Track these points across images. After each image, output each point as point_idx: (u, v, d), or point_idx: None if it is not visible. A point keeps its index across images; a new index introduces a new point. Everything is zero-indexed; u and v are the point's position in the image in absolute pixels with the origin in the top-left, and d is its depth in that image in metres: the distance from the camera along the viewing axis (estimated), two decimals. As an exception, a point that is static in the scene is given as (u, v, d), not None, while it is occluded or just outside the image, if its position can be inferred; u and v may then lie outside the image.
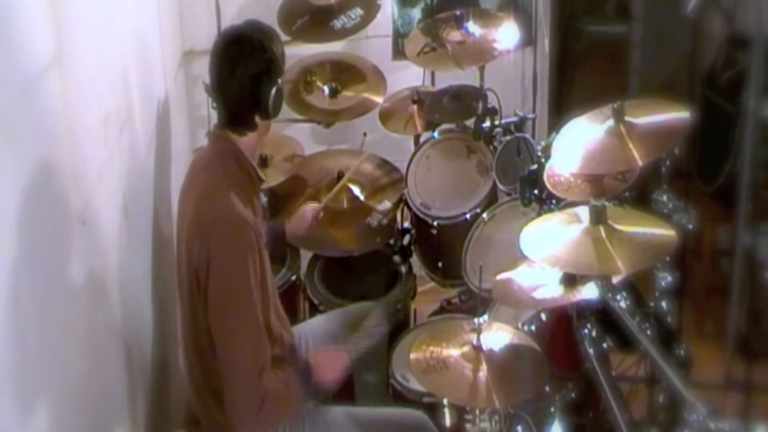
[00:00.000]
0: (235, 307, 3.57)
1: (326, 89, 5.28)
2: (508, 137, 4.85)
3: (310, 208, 4.62)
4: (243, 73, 3.65)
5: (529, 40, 5.72)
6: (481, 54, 4.87)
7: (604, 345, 3.89)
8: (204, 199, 3.65)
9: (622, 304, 3.71)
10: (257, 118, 3.71)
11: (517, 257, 3.74)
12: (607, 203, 3.53)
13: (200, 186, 3.71)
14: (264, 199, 4.74)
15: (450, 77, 5.28)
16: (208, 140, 3.93)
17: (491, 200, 4.91)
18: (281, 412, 3.71)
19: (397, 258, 5.19)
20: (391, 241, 5.18)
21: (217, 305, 3.58)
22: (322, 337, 4.26)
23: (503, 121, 4.92)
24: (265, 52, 3.67)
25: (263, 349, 3.61)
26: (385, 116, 5.30)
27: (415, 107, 5.26)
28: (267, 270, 3.76)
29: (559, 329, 4.14)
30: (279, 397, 3.64)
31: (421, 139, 5.30)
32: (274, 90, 3.68)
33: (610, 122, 3.78)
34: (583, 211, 3.52)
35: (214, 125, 3.85)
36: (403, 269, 5.14)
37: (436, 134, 5.20)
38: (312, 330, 4.34)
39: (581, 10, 6.80)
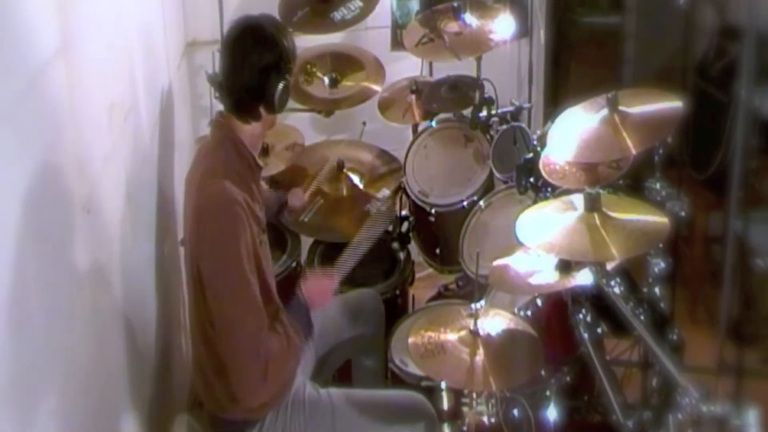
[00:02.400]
0: (227, 279, 3.58)
1: (326, 79, 5.28)
2: (504, 126, 4.85)
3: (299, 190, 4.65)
4: (254, 63, 3.65)
5: (525, 31, 5.72)
6: (478, 45, 4.87)
7: (599, 330, 3.90)
8: (201, 185, 3.66)
9: (616, 289, 3.72)
10: (262, 110, 3.71)
11: (513, 244, 3.74)
12: (601, 191, 3.53)
13: (200, 173, 3.71)
14: (265, 186, 4.74)
15: (447, 67, 5.28)
16: (210, 129, 3.93)
17: (488, 188, 4.91)
18: (286, 370, 3.75)
19: (395, 245, 5.19)
20: (390, 229, 5.18)
21: (211, 279, 3.60)
22: (320, 319, 4.27)
23: (500, 111, 4.92)
24: (277, 45, 3.67)
25: (260, 317, 3.61)
26: (384, 106, 5.30)
27: (413, 97, 5.26)
28: (264, 254, 3.76)
29: (555, 314, 4.15)
30: (281, 356, 3.68)
31: (420, 128, 5.31)
32: (281, 84, 3.67)
33: (605, 112, 3.78)
34: (578, 199, 3.51)
35: (218, 112, 3.85)
36: (402, 256, 5.14)
37: (433, 123, 5.21)
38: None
39: (576, 1, 6.80)
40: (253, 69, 3.65)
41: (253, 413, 3.80)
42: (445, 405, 4.08)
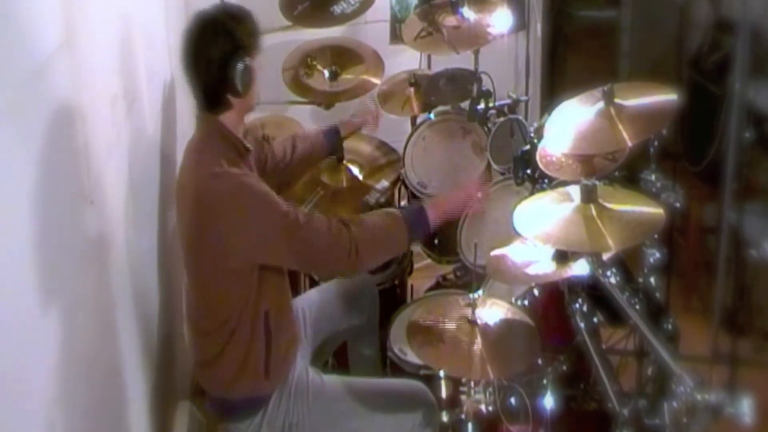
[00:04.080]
0: (280, 222, 3.65)
1: (326, 72, 5.29)
2: (501, 119, 4.85)
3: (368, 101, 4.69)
4: (209, 57, 3.65)
5: (522, 24, 5.72)
6: (475, 38, 4.86)
7: (595, 319, 3.89)
8: (199, 177, 3.67)
9: (612, 279, 3.71)
10: (230, 97, 3.71)
11: (510, 234, 3.74)
12: (597, 182, 3.52)
13: (192, 166, 3.73)
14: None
15: (446, 61, 5.28)
16: (196, 125, 3.92)
17: (486, 179, 4.91)
18: (377, 235, 3.82)
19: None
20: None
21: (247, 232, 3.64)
22: (318, 306, 4.29)
23: (497, 103, 4.92)
24: (230, 34, 3.66)
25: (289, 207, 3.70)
26: (384, 98, 5.30)
27: (412, 90, 5.26)
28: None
29: (551, 304, 4.15)
30: (369, 231, 3.78)
31: (418, 121, 5.30)
32: (240, 67, 3.65)
33: (601, 104, 3.77)
34: (575, 190, 3.51)
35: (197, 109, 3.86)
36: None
37: (432, 116, 5.20)
38: (309, 301, 4.38)
39: (572, -5, 6.80)
40: (210, 63, 3.65)
41: (257, 389, 3.81)
42: (444, 393, 4.08)
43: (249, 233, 3.60)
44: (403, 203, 5.25)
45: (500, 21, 4.84)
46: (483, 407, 3.83)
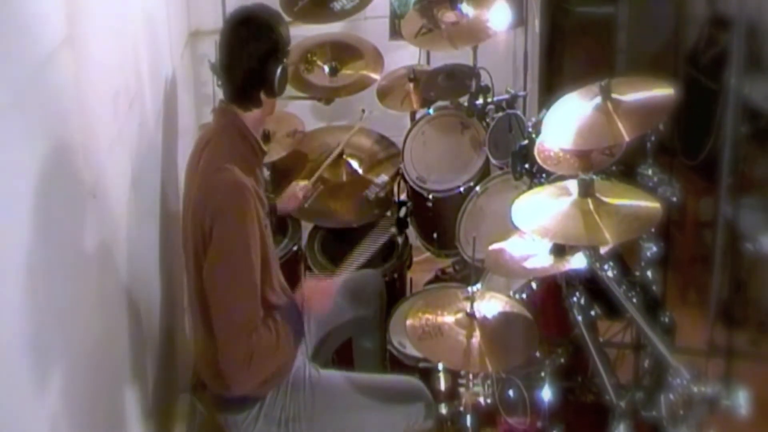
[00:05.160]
0: (232, 265, 3.57)
1: (326, 68, 5.28)
2: (500, 114, 4.84)
3: (300, 186, 4.62)
4: (251, 52, 3.68)
5: (520, 20, 5.71)
6: (474, 34, 4.86)
7: (592, 312, 3.90)
8: (208, 169, 3.66)
9: (609, 273, 3.71)
10: (263, 95, 3.72)
11: (508, 228, 3.73)
12: (594, 177, 3.52)
13: (205, 158, 3.71)
14: (267, 172, 4.75)
15: (444, 56, 5.28)
16: (213, 116, 3.93)
17: (484, 174, 4.91)
18: (270, 366, 3.72)
19: (394, 229, 5.19)
20: (388, 213, 5.18)
21: (215, 263, 3.58)
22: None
23: (495, 99, 4.92)
24: (272, 32, 3.70)
25: (255, 309, 3.62)
26: (383, 94, 5.30)
27: (411, 85, 5.26)
28: (268, 237, 3.76)
29: (549, 297, 4.15)
30: (268, 352, 3.66)
31: (417, 116, 5.30)
32: (279, 68, 3.69)
33: (598, 99, 3.77)
34: (572, 185, 3.51)
35: (220, 100, 3.85)
36: (400, 240, 5.14)
37: (431, 111, 5.20)
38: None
39: (570, -9, 6.79)
40: (251, 57, 3.68)
41: (254, 392, 3.80)
42: (443, 386, 4.07)
43: (219, 233, 3.59)
44: (402, 198, 5.25)
45: (498, 17, 4.84)
46: (481, 399, 3.83)
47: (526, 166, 4.30)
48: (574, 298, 3.87)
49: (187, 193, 3.82)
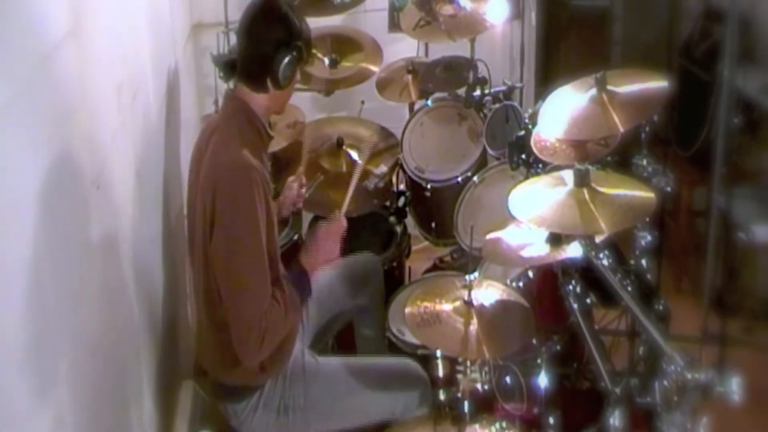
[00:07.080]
0: (244, 244, 3.57)
1: (326, 60, 5.29)
2: (497, 105, 4.85)
3: (291, 179, 4.62)
4: (267, 37, 3.68)
5: (516, 13, 5.70)
6: (472, 26, 4.86)
7: (588, 300, 3.89)
8: (216, 153, 3.66)
9: (605, 261, 3.71)
10: (269, 83, 3.71)
11: (505, 218, 3.73)
12: (590, 167, 3.52)
13: (213, 143, 3.71)
14: (268, 163, 4.74)
15: (443, 48, 5.28)
16: (223, 101, 3.92)
17: (481, 164, 4.91)
18: (281, 334, 3.70)
19: (392, 219, 5.19)
20: (388, 203, 5.18)
21: (225, 245, 3.58)
22: (323, 285, 4.25)
23: (492, 90, 4.93)
24: (289, 21, 3.71)
25: (267, 286, 3.61)
26: (382, 85, 5.30)
27: (410, 77, 5.26)
28: (273, 221, 3.75)
29: (546, 285, 4.15)
30: (279, 325, 3.64)
31: (416, 107, 5.30)
32: (288, 58, 3.68)
33: (593, 91, 3.77)
34: (568, 175, 3.50)
35: (228, 88, 3.85)
36: (399, 229, 5.15)
37: (429, 102, 5.20)
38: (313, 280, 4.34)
39: (566, -16, 6.79)
40: (266, 42, 3.68)
41: (253, 380, 3.80)
42: (440, 372, 4.08)
43: (228, 211, 3.59)
44: (401, 187, 5.25)
45: (495, 10, 4.84)
46: (479, 386, 3.84)
47: (523, 156, 4.29)
48: (570, 287, 3.87)
49: (194, 181, 3.81)
